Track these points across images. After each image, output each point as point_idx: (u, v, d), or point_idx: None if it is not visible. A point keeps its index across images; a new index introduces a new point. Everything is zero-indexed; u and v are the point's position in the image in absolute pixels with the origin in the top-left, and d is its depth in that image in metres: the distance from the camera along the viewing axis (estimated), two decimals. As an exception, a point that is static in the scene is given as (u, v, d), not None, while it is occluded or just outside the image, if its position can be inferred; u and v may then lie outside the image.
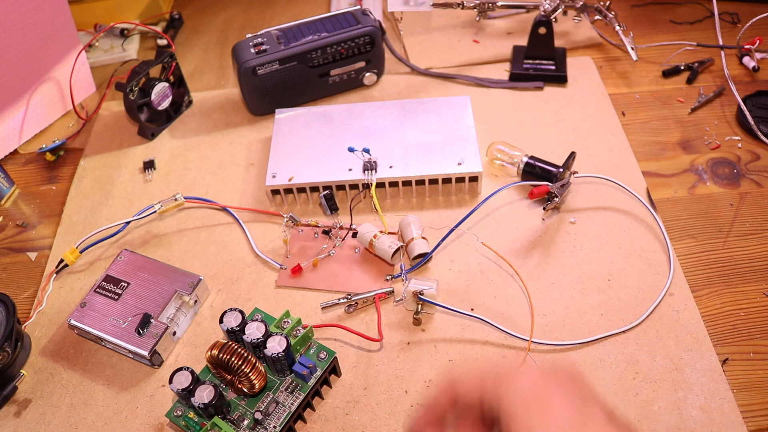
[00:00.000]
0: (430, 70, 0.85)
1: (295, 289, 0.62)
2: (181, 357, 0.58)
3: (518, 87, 0.81)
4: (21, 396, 0.56)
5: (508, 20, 0.93)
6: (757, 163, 0.71)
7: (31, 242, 0.70)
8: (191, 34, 0.97)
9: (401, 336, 0.57)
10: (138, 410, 0.54)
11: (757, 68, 0.81)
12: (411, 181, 0.67)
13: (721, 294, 0.59)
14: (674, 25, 0.90)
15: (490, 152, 0.71)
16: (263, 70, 0.75)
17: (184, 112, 0.83)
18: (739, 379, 0.53)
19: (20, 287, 0.66)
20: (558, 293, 0.59)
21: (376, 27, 0.77)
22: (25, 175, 0.78)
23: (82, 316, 0.58)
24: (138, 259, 0.62)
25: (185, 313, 0.60)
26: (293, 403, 0.50)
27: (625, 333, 0.56)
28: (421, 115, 0.72)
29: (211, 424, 0.47)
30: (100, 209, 0.72)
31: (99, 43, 0.95)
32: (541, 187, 0.63)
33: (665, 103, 0.79)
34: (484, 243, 0.64)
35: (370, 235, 0.62)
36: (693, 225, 0.65)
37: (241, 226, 0.68)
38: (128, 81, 0.74)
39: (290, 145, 0.71)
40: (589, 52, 0.87)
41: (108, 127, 0.82)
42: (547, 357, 0.55)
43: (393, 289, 0.60)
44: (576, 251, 0.63)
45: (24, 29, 0.75)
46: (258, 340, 0.49)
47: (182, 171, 0.75)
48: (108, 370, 0.57)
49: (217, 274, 0.64)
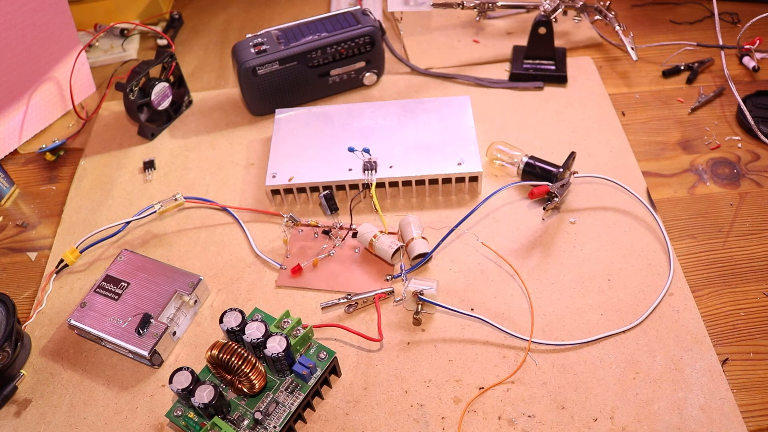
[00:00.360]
0: (430, 70, 0.85)
1: (295, 289, 0.62)
2: (181, 357, 0.58)
3: (518, 87, 0.81)
4: (21, 396, 0.56)
5: (508, 20, 0.93)
6: (757, 163, 0.71)
7: (31, 242, 0.70)
8: (191, 34, 0.98)
9: (401, 336, 0.57)
10: (138, 410, 0.54)
11: (757, 68, 0.81)
12: (411, 181, 0.67)
13: (721, 294, 0.59)
14: (674, 25, 0.90)
15: (490, 152, 0.71)
16: (263, 70, 0.75)
17: (184, 112, 0.83)
18: (739, 379, 0.53)
19: (20, 287, 0.66)
20: (558, 293, 0.59)
21: (376, 27, 0.78)
22: (25, 175, 0.78)
23: (82, 316, 0.58)
24: (138, 259, 0.62)
25: (185, 313, 0.60)
26: (293, 403, 0.50)
27: (625, 333, 0.56)
28: (421, 115, 0.72)
29: (211, 424, 0.47)
30: (100, 209, 0.72)
31: (99, 43, 0.95)
32: (541, 187, 0.63)
33: (665, 103, 0.79)
34: (484, 243, 0.64)
35: (370, 235, 0.62)
36: (693, 225, 0.65)
37: (241, 226, 0.68)
38: (128, 81, 0.74)
39: (290, 145, 0.71)
40: (589, 52, 0.87)
41: (108, 127, 0.82)
42: (547, 357, 0.55)
43: (393, 289, 0.60)
44: (576, 251, 0.63)
45: (24, 29, 0.75)
46: (258, 340, 0.49)
47: (182, 171, 0.75)
48: (108, 370, 0.57)
49: (217, 274, 0.64)
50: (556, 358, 0.55)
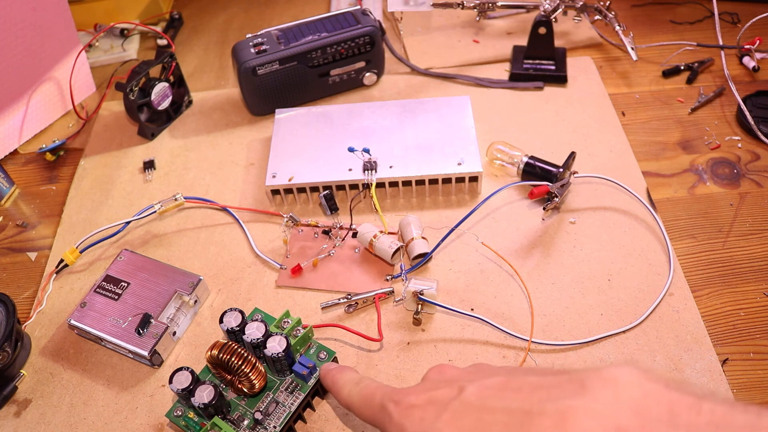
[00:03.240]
0: (430, 70, 0.85)
1: (295, 289, 0.62)
2: (181, 357, 0.58)
3: (518, 87, 0.81)
4: (21, 396, 0.56)
5: (508, 20, 0.93)
6: (757, 163, 0.71)
7: (31, 242, 0.70)
8: (191, 34, 0.98)
9: (401, 336, 0.57)
10: (138, 410, 0.54)
11: (757, 68, 0.81)
12: (411, 181, 0.67)
13: (721, 294, 0.59)
14: (674, 25, 0.90)
15: (490, 152, 0.71)
16: (263, 70, 0.75)
17: (184, 112, 0.83)
18: (739, 379, 0.53)
19: (20, 287, 0.66)
20: (558, 293, 0.59)
21: (376, 27, 0.77)
22: (25, 175, 0.78)
23: (82, 316, 0.58)
24: (138, 259, 0.62)
25: (185, 313, 0.60)
26: (293, 403, 0.50)
27: (625, 333, 0.56)
28: (421, 115, 0.72)
29: (211, 424, 0.47)
30: (100, 209, 0.72)
31: (99, 43, 0.95)
32: (541, 187, 0.63)
33: (665, 103, 0.79)
34: (484, 243, 0.64)
35: (370, 235, 0.62)
36: (693, 225, 0.65)
37: (241, 226, 0.68)
38: (128, 81, 0.74)
39: (290, 145, 0.71)
40: (589, 52, 0.87)
41: (108, 127, 0.82)
42: (547, 357, 0.55)
43: (393, 289, 0.60)
44: (576, 251, 0.63)
45: (24, 29, 0.75)
46: (258, 340, 0.49)
47: (182, 171, 0.75)
48: (108, 370, 0.57)
49: (217, 274, 0.64)
50: (556, 358, 0.55)
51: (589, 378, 0.29)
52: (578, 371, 0.30)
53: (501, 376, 0.33)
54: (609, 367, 0.29)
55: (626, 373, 0.28)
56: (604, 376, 0.29)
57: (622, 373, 0.28)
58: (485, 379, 0.33)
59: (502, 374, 0.34)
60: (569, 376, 0.30)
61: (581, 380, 0.29)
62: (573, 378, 0.30)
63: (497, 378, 0.33)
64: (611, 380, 0.28)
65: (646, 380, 0.28)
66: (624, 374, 0.28)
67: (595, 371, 0.29)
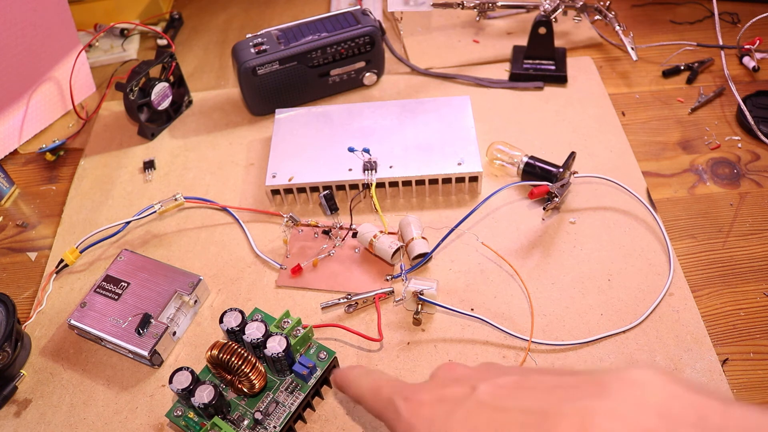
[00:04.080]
0: (430, 70, 0.85)
1: (295, 289, 0.62)
2: (181, 357, 0.58)
3: (518, 87, 0.81)
4: (21, 396, 0.56)
5: (508, 20, 0.93)
6: (757, 163, 0.71)
7: (31, 242, 0.70)
8: (191, 34, 0.98)
9: (401, 336, 0.57)
10: (138, 410, 0.54)
11: (757, 68, 0.81)
12: (411, 181, 0.67)
13: (721, 294, 0.59)
14: (674, 25, 0.90)
15: (490, 152, 0.71)
16: (263, 70, 0.75)
17: (184, 112, 0.83)
18: (739, 379, 0.53)
19: (20, 287, 0.66)
20: (558, 293, 0.59)
21: (376, 27, 0.77)
22: (25, 175, 0.78)
23: (82, 316, 0.58)
24: (138, 259, 0.62)
25: (185, 313, 0.60)
26: (293, 403, 0.50)
27: (625, 333, 0.56)
28: (420, 115, 0.72)
29: (211, 424, 0.47)
30: (100, 209, 0.72)
31: (99, 43, 0.95)
32: (541, 187, 0.63)
33: (665, 103, 0.79)
34: (484, 243, 0.64)
35: (370, 235, 0.62)
36: (693, 225, 0.65)
37: (241, 226, 0.68)
38: (128, 81, 0.74)
39: (290, 145, 0.71)
40: (589, 52, 0.87)
41: (108, 127, 0.82)
42: (547, 357, 0.55)
43: (393, 289, 0.60)
44: (576, 251, 0.63)
45: (24, 29, 0.75)
46: (258, 340, 0.49)
47: (182, 171, 0.75)
48: (108, 370, 0.57)
49: (217, 274, 0.64)
50: (556, 358, 0.55)
51: (610, 379, 0.28)
52: (596, 372, 0.30)
53: (514, 375, 0.33)
54: (629, 368, 0.28)
55: (649, 375, 0.28)
56: (626, 377, 0.28)
57: (644, 375, 0.28)
58: (498, 378, 0.33)
59: (516, 373, 0.33)
60: (587, 376, 0.30)
61: (601, 381, 0.28)
62: (591, 379, 0.29)
63: (511, 377, 0.32)
64: (633, 382, 0.28)
65: (669, 383, 0.27)
66: (646, 376, 0.28)
67: (615, 372, 0.29)
